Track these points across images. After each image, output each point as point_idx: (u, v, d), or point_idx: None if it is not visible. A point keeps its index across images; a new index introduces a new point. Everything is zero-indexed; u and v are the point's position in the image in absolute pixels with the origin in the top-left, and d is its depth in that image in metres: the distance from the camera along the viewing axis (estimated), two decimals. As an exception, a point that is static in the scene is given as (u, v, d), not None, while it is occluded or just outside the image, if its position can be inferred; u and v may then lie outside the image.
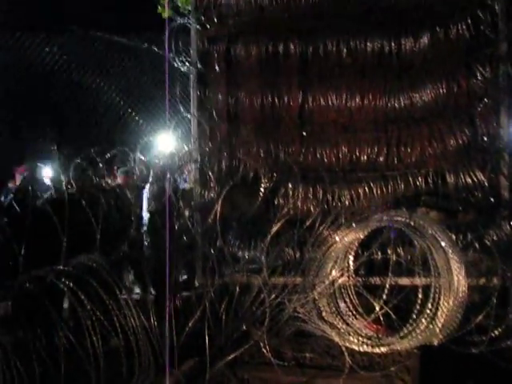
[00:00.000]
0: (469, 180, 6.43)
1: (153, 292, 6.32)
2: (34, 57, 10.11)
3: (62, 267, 5.36)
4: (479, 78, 6.46)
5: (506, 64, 6.30)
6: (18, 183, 8.84)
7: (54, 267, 5.30)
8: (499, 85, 6.36)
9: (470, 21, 6.41)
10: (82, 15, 10.86)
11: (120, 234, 6.60)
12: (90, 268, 5.37)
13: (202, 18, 7.34)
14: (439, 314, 5.20)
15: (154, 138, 8.88)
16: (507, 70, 6.31)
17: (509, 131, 6.38)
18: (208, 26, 7.35)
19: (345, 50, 6.93)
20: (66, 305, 6.08)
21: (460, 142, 6.53)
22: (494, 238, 6.18)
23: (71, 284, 5.09)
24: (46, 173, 8.68)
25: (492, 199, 6.36)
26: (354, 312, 5.75)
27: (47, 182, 8.39)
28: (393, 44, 6.80)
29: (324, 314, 5.68)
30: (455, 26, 6.50)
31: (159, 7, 7.77)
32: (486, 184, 6.39)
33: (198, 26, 7.34)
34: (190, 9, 7.49)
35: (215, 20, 7.28)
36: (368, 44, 6.87)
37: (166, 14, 7.66)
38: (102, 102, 10.60)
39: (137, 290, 7.03)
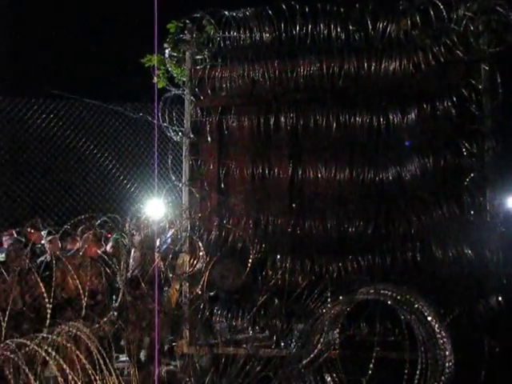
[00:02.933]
0: (455, 254, 6.45)
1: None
2: (29, 122, 10.25)
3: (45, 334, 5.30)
4: (465, 153, 6.58)
5: (491, 140, 6.43)
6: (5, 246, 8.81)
7: (36, 334, 5.25)
8: (485, 160, 6.48)
9: (455, 98, 6.58)
10: (79, 82, 11.12)
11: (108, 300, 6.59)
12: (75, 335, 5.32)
13: (196, 90, 7.50)
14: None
15: (145, 205, 8.94)
16: (492, 146, 6.42)
17: (495, 206, 6.45)
18: (201, 97, 7.51)
19: (334, 124, 7.08)
20: (48, 373, 5.99)
21: (447, 215, 6.59)
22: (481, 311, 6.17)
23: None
24: (37, 237, 8.67)
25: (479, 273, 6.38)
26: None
27: (38, 246, 8.39)
28: (381, 119, 6.97)
29: (310, 387, 5.61)
30: (441, 102, 6.67)
31: (155, 77, 7.93)
32: (473, 258, 6.42)
33: (191, 97, 7.51)
34: (184, 80, 7.66)
35: (209, 91, 7.46)
36: (357, 118, 7.03)
37: (160, 85, 7.87)
38: (94, 168, 10.72)
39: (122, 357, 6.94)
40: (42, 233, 8.30)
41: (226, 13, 7.19)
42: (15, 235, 8.44)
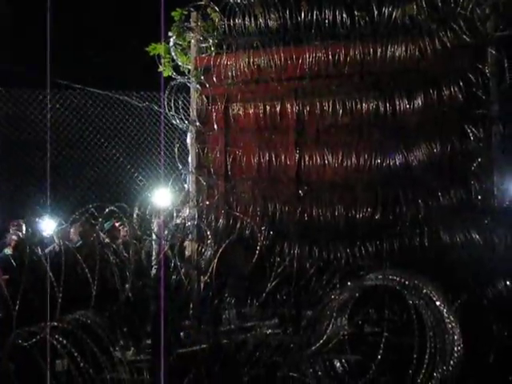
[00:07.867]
0: (463, 239, 6.44)
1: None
2: (34, 113, 10.25)
3: (56, 323, 5.32)
4: (472, 138, 6.56)
5: (498, 124, 6.40)
6: (13, 237, 8.84)
7: (47, 323, 5.27)
8: (492, 144, 6.46)
9: (462, 83, 6.55)
10: (84, 72, 11.09)
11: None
12: (85, 324, 5.34)
13: (202, 78, 7.50)
14: (435, 373, 5.15)
15: (152, 194, 8.95)
16: (499, 130, 6.40)
17: (502, 190, 6.44)
18: (207, 85, 7.50)
19: (341, 110, 7.07)
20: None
21: (454, 200, 6.58)
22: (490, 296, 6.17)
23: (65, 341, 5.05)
24: (45, 227, 8.69)
25: (486, 258, 6.37)
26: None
27: (46, 235, 8.40)
28: (388, 104, 6.96)
29: (319, 373, 5.62)
30: (448, 87, 6.64)
31: (160, 66, 7.91)
32: (481, 242, 6.41)
33: (197, 85, 7.50)
34: (190, 68, 7.65)
35: (214, 79, 7.44)
36: (364, 104, 7.02)
37: (166, 73, 7.85)
38: (101, 157, 10.74)
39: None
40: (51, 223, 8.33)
41: (231, 0, 7.17)
42: (23, 226, 8.46)
